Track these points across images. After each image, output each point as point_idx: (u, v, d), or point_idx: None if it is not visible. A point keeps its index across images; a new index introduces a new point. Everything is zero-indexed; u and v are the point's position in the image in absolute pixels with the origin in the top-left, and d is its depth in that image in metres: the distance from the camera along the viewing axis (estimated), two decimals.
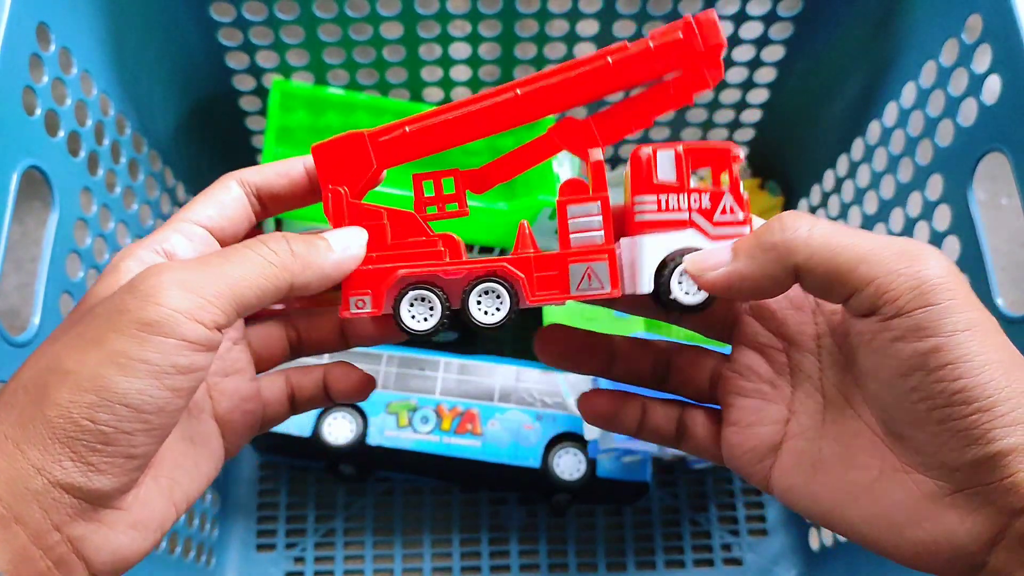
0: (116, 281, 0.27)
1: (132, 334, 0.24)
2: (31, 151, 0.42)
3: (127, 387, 0.23)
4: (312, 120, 0.64)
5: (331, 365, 0.35)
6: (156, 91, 0.58)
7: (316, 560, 0.67)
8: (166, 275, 0.25)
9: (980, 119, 0.46)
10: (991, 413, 0.24)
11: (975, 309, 0.25)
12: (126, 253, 0.29)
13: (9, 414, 0.24)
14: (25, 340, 0.40)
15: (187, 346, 0.24)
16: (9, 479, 0.23)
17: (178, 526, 0.58)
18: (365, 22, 0.61)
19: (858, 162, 0.61)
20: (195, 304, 0.24)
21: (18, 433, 0.24)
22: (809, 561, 0.66)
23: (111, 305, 0.25)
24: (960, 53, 0.48)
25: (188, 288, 0.24)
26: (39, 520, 0.24)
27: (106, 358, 0.24)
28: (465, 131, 0.30)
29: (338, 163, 0.30)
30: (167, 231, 0.29)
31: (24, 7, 0.41)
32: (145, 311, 0.24)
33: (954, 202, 0.49)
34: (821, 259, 0.26)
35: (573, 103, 0.29)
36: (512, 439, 0.63)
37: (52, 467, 0.23)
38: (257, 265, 0.26)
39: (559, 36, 0.64)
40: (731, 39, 0.64)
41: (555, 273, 0.29)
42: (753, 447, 0.31)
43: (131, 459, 0.24)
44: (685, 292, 0.28)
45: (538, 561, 0.67)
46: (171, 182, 0.62)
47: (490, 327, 0.28)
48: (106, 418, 0.23)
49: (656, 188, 0.29)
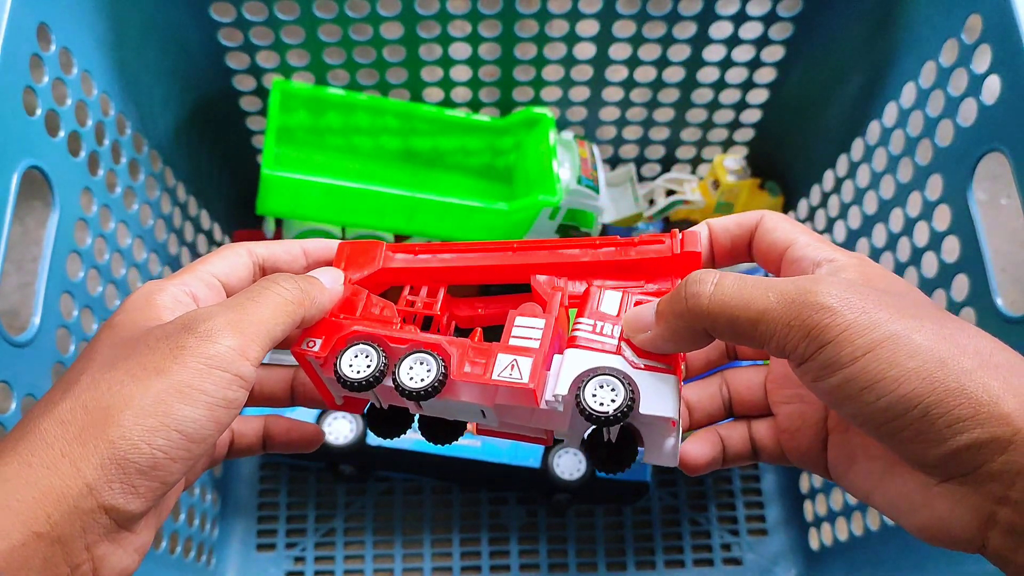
0: (155, 315, 0.29)
1: (195, 367, 0.26)
2: (31, 151, 0.42)
3: (185, 415, 0.25)
4: (312, 120, 0.64)
5: (271, 417, 0.36)
6: (156, 91, 0.59)
7: (316, 560, 0.67)
8: (219, 317, 0.27)
9: (980, 119, 0.46)
10: (927, 420, 0.25)
11: (874, 327, 0.26)
12: (156, 288, 0.30)
13: (66, 431, 0.25)
14: (25, 340, 0.40)
15: (237, 381, 0.27)
16: (61, 496, 0.24)
17: (179, 526, 0.58)
18: (365, 22, 0.61)
19: (858, 162, 0.61)
20: (244, 343, 0.27)
21: (76, 451, 0.24)
22: (809, 561, 0.66)
23: (170, 341, 0.27)
24: (960, 53, 0.48)
25: (238, 329, 0.27)
26: (77, 538, 0.24)
27: (170, 387, 0.25)
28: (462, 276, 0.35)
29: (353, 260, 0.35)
30: (189, 276, 0.31)
31: (25, 7, 0.41)
32: (206, 348, 0.26)
33: (954, 202, 0.49)
34: (723, 324, 0.28)
35: (561, 275, 0.34)
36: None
37: (103, 488, 0.24)
38: (280, 304, 0.29)
39: (559, 36, 0.64)
40: (731, 39, 0.64)
41: (484, 361, 0.30)
42: (807, 448, 0.33)
43: (164, 485, 0.26)
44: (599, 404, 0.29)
45: (538, 561, 0.67)
46: (171, 182, 0.62)
47: (412, 392, 0.29)
48: (161, 443, 0.25)
49: (597, 315, 0.32)
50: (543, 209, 0.61)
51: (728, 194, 0.68)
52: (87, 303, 0.48)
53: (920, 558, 0.51)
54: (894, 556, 0.54)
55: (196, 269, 0.31)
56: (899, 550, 0.53)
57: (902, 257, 0.55)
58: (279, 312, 0.29)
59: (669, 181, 0.70)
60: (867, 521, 0.58)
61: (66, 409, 0.25)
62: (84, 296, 0.47)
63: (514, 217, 0.61)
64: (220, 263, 0.32)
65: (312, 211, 0.60)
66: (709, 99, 0.70)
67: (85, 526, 0.24)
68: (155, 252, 0.58)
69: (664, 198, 0.69)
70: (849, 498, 0.60)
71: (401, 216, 0.60)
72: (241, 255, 0.33)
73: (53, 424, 0.25)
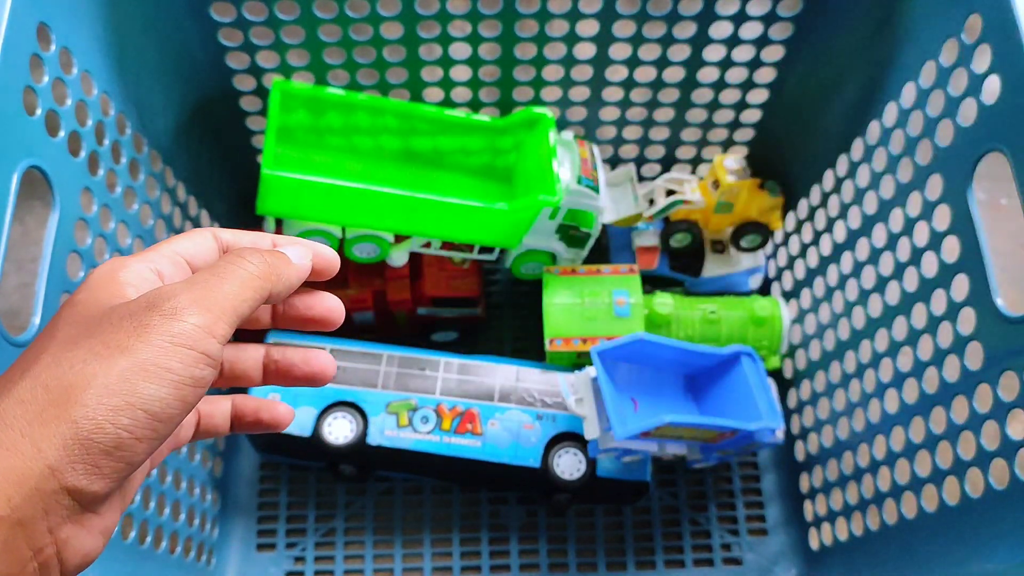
0: (119, 292, 0.28)
1: (160, 345, 0.25)
2: (31, 151, 0.42)
3: (150, 394, 0.25)
4: (312, 120, 0.64)
5: (239, 396, 0.35)
6: (157, 91, 0.59)
7: (316, 560, 0.67)
8: (184, 295, 0.26)
9: (980, 119, 0.46)
10: None
11: None
12: (119, 264, 0.29)
13: (26, 410, 0.24)
14: (25, 340, 0.40)
15: (204, 359, 0.26)
16: (21, 478, 0.23)
17: (179, 526, 0.58)
18: (365, 22, 0.61)
19: (858, 162, 0.61)
20: (210, 320, 0.26)
21: (37, 431, 0.24)
22: (808, 561, 0.66)
23: (134, 319, 0.26)
24: (960, 53, 0.48)
25: (203, 306, 0.26)
26: (39, 521, 0.24)
27: (134, 365, 0.25)
28: None
29: None
30: (153, 254, 0.30)
31: (24, 7, 0.41)
32: (171, 325, 0.26)
33: (954, 202, 0.49)
34: None
35: None
36: (512, 439, 0.63)
37: (66, 468, 0.24)
38: (246, 279, 0.28)
39: (559, 36, 0.64)
40: (731, 39, 0.64)
41: None
42: None
43: (129, 466, 0.25)
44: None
45: (538, 561, 0.67)
46: (171, 182, 0.62)
47: None
48: (126, 423, 0.24)
49: None
50: (543, 209, 0.61)
51: (728, 194, 0.68)
52: None
53: (921, 558, 0.51)
54: (894, 556, 0.54)
55: (160, 248, 0.31)
56: (899, 550, 0.53)
57: (902, 257, 0.55)
58: (246, 288, 0.28)
59: (669, 181, 0.70)
60: (867, 521, 0.58)
61: (25, 388, 0.25)
62: None
63: (514, 217, 0.61)
64: (185, 242, 0.31)
65: (312, 211, 0.60)
66: (709, 99, 0.70)
67: (47, 508, 0.24)
68: None
69: (664, 198, 0.69)
70: (849, 498, 0.60)
71: (401, 216, 0.60)
72: (207, 237, 0.32)
73: (12, 404, 0.24)
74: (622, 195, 0.69)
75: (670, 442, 0.60)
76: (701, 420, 0.57)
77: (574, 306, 0.65)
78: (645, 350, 0.61)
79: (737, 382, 0.62)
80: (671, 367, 0.64)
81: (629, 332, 0.62)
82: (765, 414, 0.59)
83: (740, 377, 0.62)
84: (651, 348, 0.61)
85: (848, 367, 0.61)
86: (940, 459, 0.50)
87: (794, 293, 0.70)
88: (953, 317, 0.49)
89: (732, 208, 0.70)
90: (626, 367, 0.62)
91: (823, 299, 0.65)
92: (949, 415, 0.49)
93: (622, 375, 0.62)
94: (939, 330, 0.51)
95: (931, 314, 0.52)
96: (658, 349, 0.61)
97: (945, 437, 0.50)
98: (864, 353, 0.59)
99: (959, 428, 0.48)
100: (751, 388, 0.60)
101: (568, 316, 0.64)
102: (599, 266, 0.67)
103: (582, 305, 0.64)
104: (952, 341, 0.49)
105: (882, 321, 0.57)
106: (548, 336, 0.64)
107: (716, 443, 0.61)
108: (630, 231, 0.74)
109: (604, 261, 0.73)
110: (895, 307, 0.56)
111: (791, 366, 0.70)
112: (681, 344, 0.61)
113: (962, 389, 0.48)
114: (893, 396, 0.55)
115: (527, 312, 0.75)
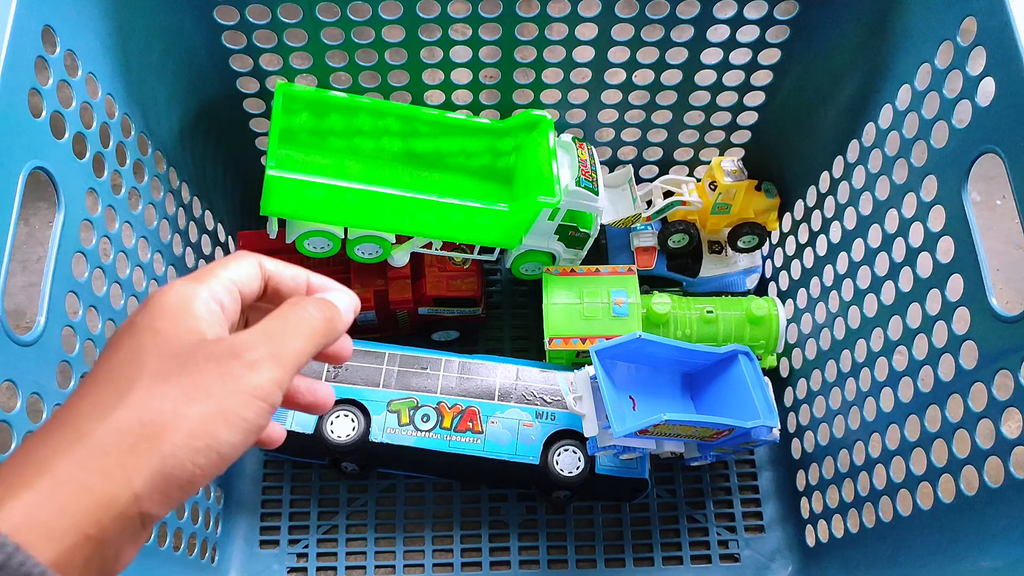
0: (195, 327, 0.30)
1: (240, 396, 0.28)
2: (37, 152, 0.42)
3: (227, 439, 0.28)
4: (315, 122, 0.64)
5: None
6: (161, 93, 0.59)
7: (319, 556, 0.67)
8: (262, 348, 0.29)
9: (975, 121, 0.47)
10: None
11: None
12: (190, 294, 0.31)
13: (122, 441, 0.26)
14: (31, 339, 0.41)
15: (270, 410, 0.29)
16: (112, 502, 0.26)
17: (183, 523, 0.58)
18: (367, 25, 0.62)
19: (854, 163, 0.61)
20: (280, 376, 0.29)
21: (131, 462, 0.26)
22: (805, 557, 0.67)
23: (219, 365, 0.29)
24: (955, 55, 0.49)
25: (277, 362, 0.29)
26: (115, 541, 0.26)
27: (217, 412, 0.28)
28: None
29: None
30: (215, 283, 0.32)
31: (29, 10, 0.42)
32: (251, 377, 0.28)
33: (949, 203, 0.49)
34: None
35: None
36: (512, 437, 0.64)
37: (147, 498, 0.26)
38: (310, 335, 0.31)
39: (559, 40, 0.64)
40: (728, 42, 0.65)
41: None
42: None
43: (190, 496, 0.28)
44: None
45: (538, 557, 0.67)
46: (176, 183, 0.62)
47: None
48: (203, 463, 0.27)
49: None
50: (542, 210, 0.61)
51: (725, 195, 0.69)
52: (92, 303, 0.48)
53: (916, 554, 0.51)
54: (889, 552, 0.54)
55: (219, 274, 0.33)
56: (895, 547, 0.54)
57: (897, 257, 0.55)
58: (310, 344, 0.31)
59: (667, 182, 0.71)
60: (863, 518, 0.58)
61: (122, 419, 0.27)
62: (89, 296, 0.48)
63: (514, 218, 0.62)
64: (236, 269, 0.33)
65: (315, 212, 0.60)
66: (706, 101, 0.70)
67: (123, 530, 0.26)
68: (159, 252, 0.58)
69: (662, 199, 0.70)
70: (845, 495, 0.61)
71: (402, 217, 0.61)
72: (253, 264, 0.34)
73: (109, 432, 0.27)
74: (620, 196, 0.70)
75: (668, 440, 0.61)
76: (698, 418, 0.57)
77: (573, 306, 0.65)
78: (643, 349, 0.61)
79: (734, 381, 0.62)
80: (669, 366, 0.65)
81: (627, 331, 0.63)
82: (762, 412, 0.59)
83: (737, 376, 0.62)
84: (649, 347, 0.61)
85: (844, 366, 0.62)
86: (935, 457, 0.51)
87: (790, 293, 0.71)
88: (948, 317, 0.50)
89: (729, 209, 0.71)
90: (624, 366, 0.63)
91: (819, 299, 0.66)
92: (944, 413, 0.50)
93: (621, 374, 0.62)
94: (934, 329, 0.51)
95: (926, 314, 0.52)
96: (656, 348, 0.61)
97: (940, 435, 0.50)
98: (860, 352, 0.60)
99: (954, 426, 0.49)
100: (748, 386, 0.61)
101: (567, 316, 0.65)
102: (598, 266, 0.68)
103: (581, 305, 0.65)
104: (947, 340, 0.50)
105: (877, 320, 0.57)
106: (548, 335, 0.64)
107: (713, 441, 0.62)
108: (628, 232, 0.74)
109: (603, 261, 0.74)
110: (890, 307, 0.56)
111: (787, 365, 0.71)
112: (679, 343, 0.62)
113: (957, 388, 0.49)
114: (888, 395, 0.56)
115: (527, 312, 0.75)
